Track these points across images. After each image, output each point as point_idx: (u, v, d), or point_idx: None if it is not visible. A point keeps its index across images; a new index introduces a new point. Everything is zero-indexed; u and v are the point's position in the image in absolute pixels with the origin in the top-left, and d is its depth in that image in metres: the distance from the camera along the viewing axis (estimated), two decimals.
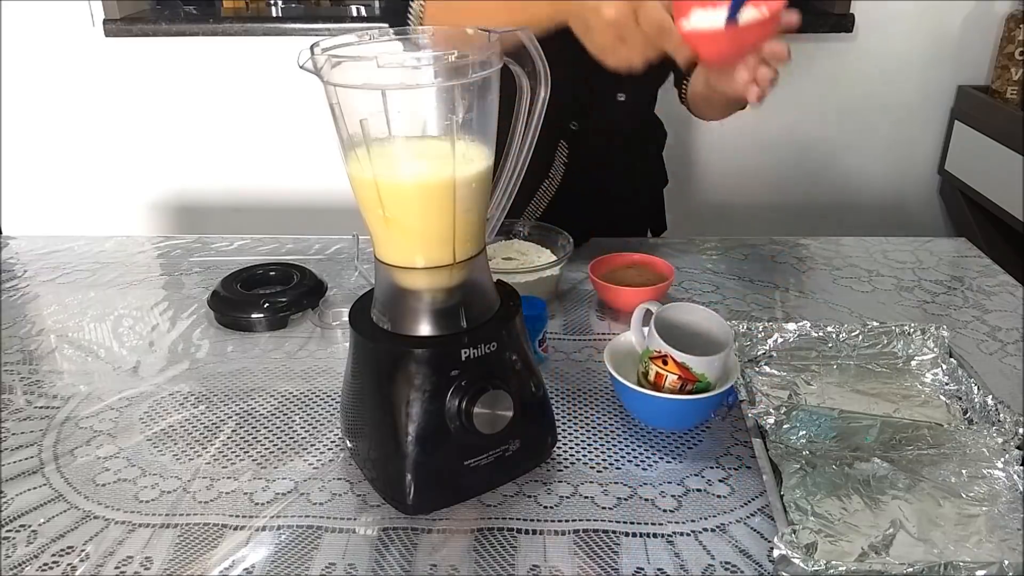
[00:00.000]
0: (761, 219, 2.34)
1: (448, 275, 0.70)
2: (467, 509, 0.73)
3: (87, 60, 2.20)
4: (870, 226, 2.35)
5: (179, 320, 1.07)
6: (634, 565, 0.67)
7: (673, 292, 1.12)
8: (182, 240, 1.32)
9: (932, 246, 1.28)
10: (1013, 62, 2.07)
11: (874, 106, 2.23)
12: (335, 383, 0.92)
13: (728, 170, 2.29)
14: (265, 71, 2.18)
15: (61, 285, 1.17)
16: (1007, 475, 0.74)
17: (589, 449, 0.81)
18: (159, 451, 0.81)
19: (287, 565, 0.67)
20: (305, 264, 1.16)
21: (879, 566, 0.63)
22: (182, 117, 2.26)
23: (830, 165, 2.29)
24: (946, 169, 2.24)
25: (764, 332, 0.95)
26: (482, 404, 0.69)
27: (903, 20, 2.13)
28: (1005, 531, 0.68)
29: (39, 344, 1.02)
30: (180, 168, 2.33)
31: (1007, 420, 0.78)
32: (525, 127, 0.73)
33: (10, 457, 0.80)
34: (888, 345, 0.94)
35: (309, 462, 0.79)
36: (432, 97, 0.66)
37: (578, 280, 1.16)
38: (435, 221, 0.68)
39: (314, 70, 0.65)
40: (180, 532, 0.70)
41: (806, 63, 2.16)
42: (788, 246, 1.28)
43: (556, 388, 0.91)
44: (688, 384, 0.80)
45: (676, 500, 0.74)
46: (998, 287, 1.14)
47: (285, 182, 2.33)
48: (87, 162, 2.33)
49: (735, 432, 0.83)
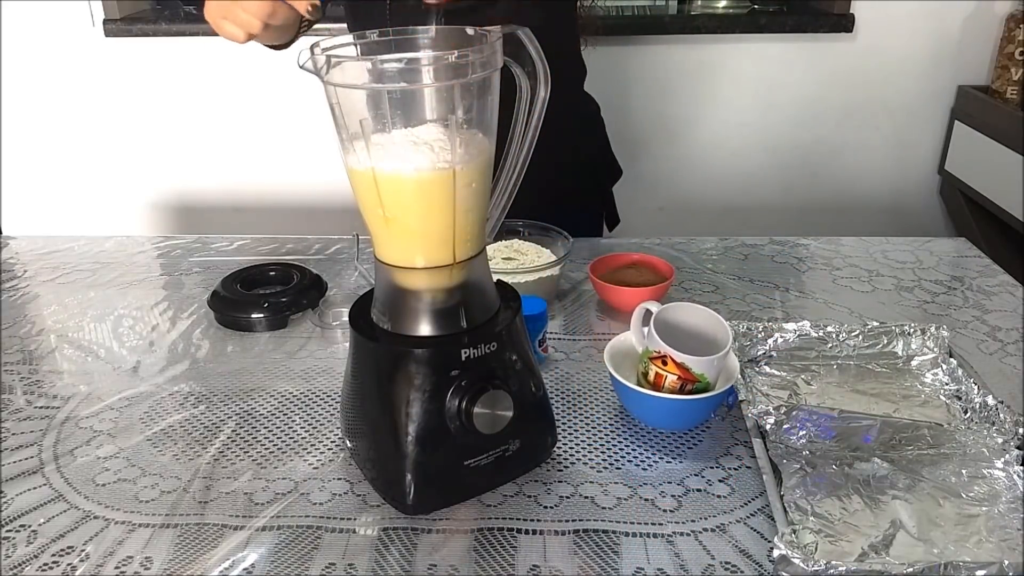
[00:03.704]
0: (761, 219, 2.34)
1: (448, 275, 0.70)
2: (467, 509, 0.73)
3: (87, 60, 2.20)
4: (870, 226, 2.35)
5: (179, 320, 1.07)
6: (634, 565, 0.67)
7: (673, 292, 1.12)
8: (182, 240, 1.32)
9: (932, 246, 1.28)
10: (1013, 62, 2.07)
11: (874, 106, 2.23)
12: (335, 383, 0.92)
13: (728, 170, 2.29)
14: (265, 71, 2.18)
15: (61, 285, 1.17)
16: (1007, 475, 0.74)
17: (589, 449, 0.81)
18: (159, 451, 0.81)
19: (287, 565, 0.67)
20: (305, 264, 1.16)
21: (879, 566, 0.63)
22: (182, 117, 2.26)
23: (830, 165, 2.29)
24: (946, 169, 2.24)
25: (764, 332, 0.95)
26: (482, 404, 0.69)
27: (903, 20, 2.13)
28: (1005, 531, 0.68)
29: (39, 344, 1.02)
30: (180, 168, 2.33)
31: (1007, 420, 0.78)
32: (525, 127, 0.73)
33: (10, 457, 0.80)
34: (888, 345, 0.94)
35: (309, 462, 0.79)
36: (432, 97, 0.66)
37: (578, 280, 1.16)
38: (435, 221, 0.68)
39: (314, 70, 0.65)
40: (180, 532, 0.70)
41: (806, 63, 2.16)
42: (788, 246, 1.28)
43: (556, 388, 0.91)
44: (688, 384, 0.80)
45: (676, 500, 0.74)
46: (998, 287, 1.14)
47: (285, 182, 2.33)
48: (87, 162, 2.33)
49: (735, 432, 0.83)
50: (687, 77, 2.17)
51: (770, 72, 2.15)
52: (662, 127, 2.21)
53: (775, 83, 2.16)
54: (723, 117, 2.21)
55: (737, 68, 2.16)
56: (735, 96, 2.19)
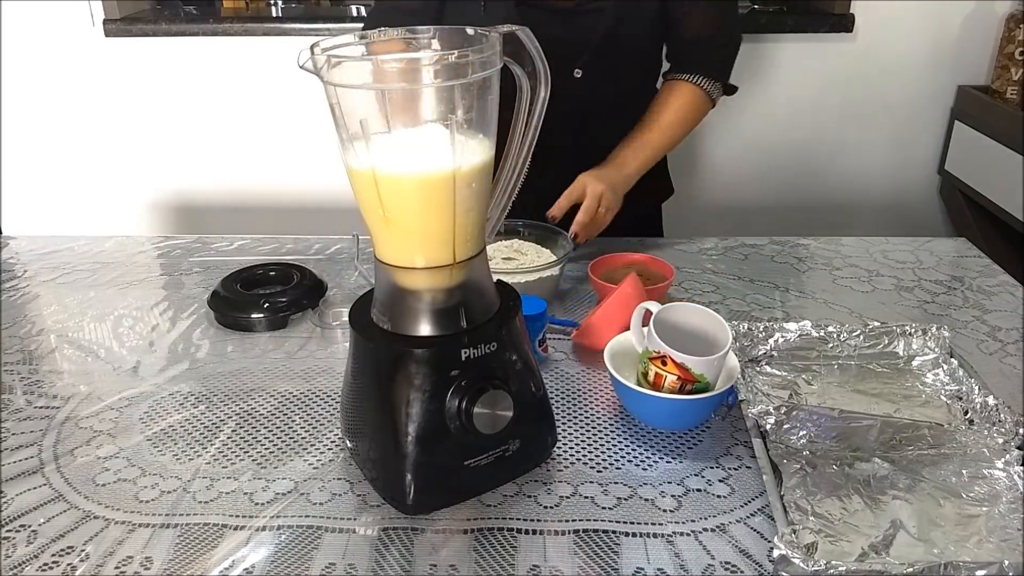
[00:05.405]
0: (761, 219, 2.34)
1: (448, 275, 0.70)
2: (467, 509, 0.73)
3: (87, 60, 2.20)
4: (870, 226, 2.35)
5: (179, 320, 1.07)
6: (634, 565, 0.67)
7: (673, 292, 1.12)
8: (182, 240, 1.32)
9: (932, 246, 1.28)
10: (1013, 62, 2.07)
11: (874, 106, 2.22)
12: (335, 383, 0.92)
13: (728, 170, 2.29)
14: (265, 71, 2.18)
15: (61, 285, 1.17)
16: (1007, 475, 0.74)
17: (589, 449, 0.81)
18: (159, 451, 0.81)
19: (287, 565, 0.67)
20: (305, 264, 1.16)
21: (879, 566, 0.63)
22: (182, 117, 2.26)
23: (830, 165, 2.29)
24: (946, 169, 2.24)
25: (764, 332, 0.95)
26: (482, 404, 0.69)
27: (903, 20, 2.12)
28: (1005, 531, 0.68)
29: (39, 344, 1.02)
30: (180, 168, 2.33)
31: (1008, 420, 0.78)
32: (525, 127, 0.73)
33: (10, 457, 0.80)
34: (889, 345, 0.94)
35: (309, 462, 0.79)
36: (432, 97, 0.66)
37: (578, 280, 1.16)
38: (435, 221, 0.68)
39: (314, 70, 0.65)
40: (180, 532, 0.70)
41: (806, 63, 2.15)
42: (788, 246, 1.28)
43: (556, 388, 0.91)
44: (687, 384, 0.80)
45: (676, 500, 0.74)
46: (998, 287, 1.14)
47: (285, 182, 2.32)
48: (87, 162, 2.32)
49: (735, 432, 0.83)
50: None
51: (770, 72, 2.15)
52: None
53: (775, 83, 2.16)
54: (723, 117, 2.21)
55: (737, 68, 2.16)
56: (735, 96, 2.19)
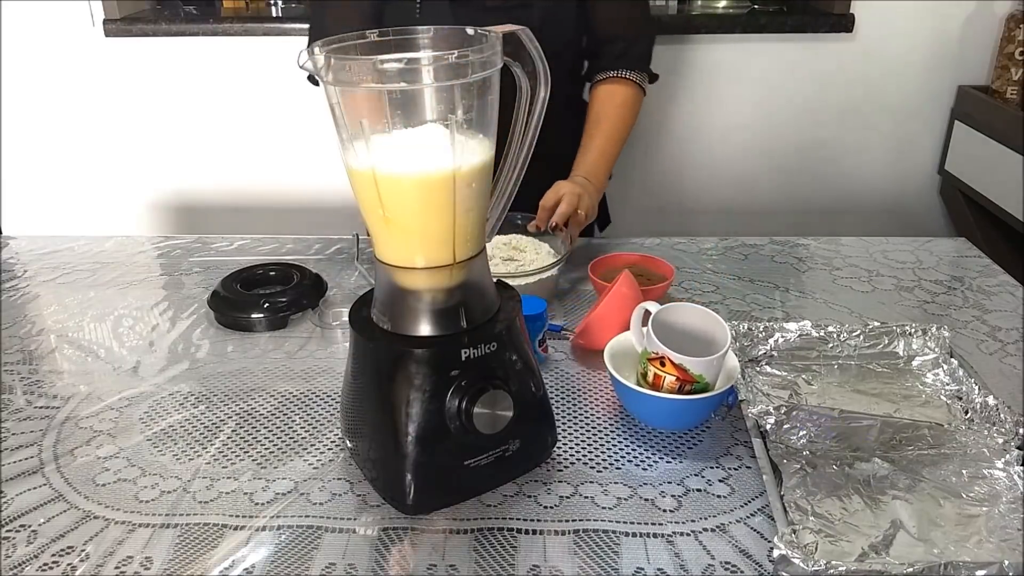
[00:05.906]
0: (761, 219, 2.34)
1: (448, 275, 0.70)
2: (467, 509, 0.73)
3: (87, 60, 2.20)
4: (870, 226, 2.35)
5: (179, 320, 1.07)
6: (634, 565, 0.67)
7: (673, 292, 1.12)
8: (182, 240, 1.32)
9: (932, 246, 1.28)
10: (1013, 62, 2.07)
11: (874, 106, 2.22)
12: (335, 383, 0.92)
13: (728, 170, 2.29)
14: (265, 71, 2.18)
15: (61, 285, 1.17)
16: (1007, 475, 0.74)
17: (589, 449, 0.81)
18: (159, 451, 0.81)
19: (287, 565, 0.67)
20: (305, 264, 1.16)
21: (879, 566, 0.63)
22: (182, 117, 2.26)
23: (830, 165, 2.29)
24: (946, 169, 2.23)
25: (764, 332, 0.95)
26: (482, 404, 0.69)
27: (903, 20, 2.12)
28: (1005, 531, 0.68)
29: (39, 344, 1.02)
30: (180, 168, 2.33)
31: (1008, 420, 0.78)
32: (525, 127, 0.73)
33: (10, 457, 0.80)
34: (889, 345, 0.94)
35: (309, 462, 0.79)
36: (432, 97, 0.66)
37: (578, 280, 1.16)
38: (435, 221, 0.68)
39: (314, 70, 0.65)
40: (180, 532, 0.70)
41: (806, 63, 2.15)
42: (788, 246, 1.28)
43: (556, 388, 0.91)
44: (686, 385, 0.80)
45: (676, 500, 0.74)
46: (998, 287, 1.14)
47: (285, 182, 2.32)
48: (87, 162, 2.32)
49: (735, 432, 0.83)
50: (687, 77, 2.16)
51: (770, 72, 2.15)
52: (662, 127, 2.20)
53: (775, 83, 2.16)
54: (723, 117, 2.21)
55: (737, 68, 2.16)
56: (735, 96, 2.19)
